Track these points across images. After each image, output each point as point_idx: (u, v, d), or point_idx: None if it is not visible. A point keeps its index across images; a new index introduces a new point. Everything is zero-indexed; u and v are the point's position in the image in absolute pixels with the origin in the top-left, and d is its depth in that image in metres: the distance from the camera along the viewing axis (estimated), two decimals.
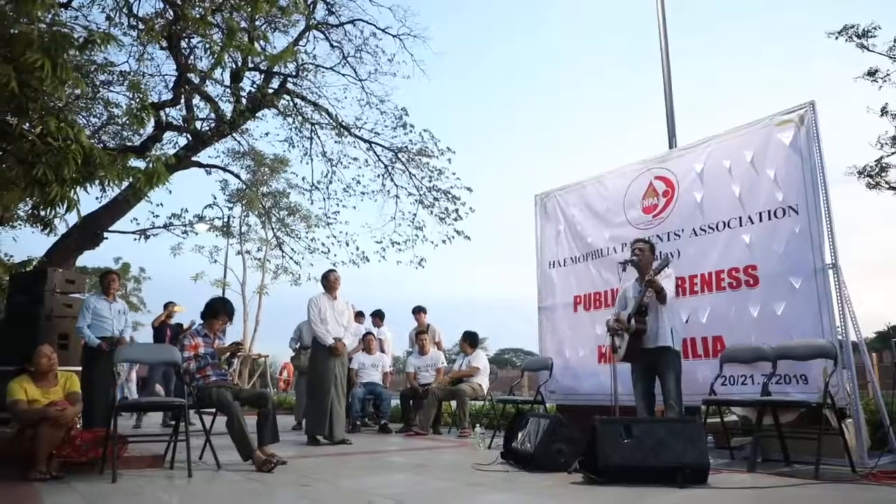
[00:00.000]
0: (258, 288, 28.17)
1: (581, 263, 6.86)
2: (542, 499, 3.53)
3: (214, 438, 4.75)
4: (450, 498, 3.51)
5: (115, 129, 12.58)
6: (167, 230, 14.89)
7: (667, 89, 7.13)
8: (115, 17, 9.48)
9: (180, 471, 4.35)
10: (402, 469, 4.87)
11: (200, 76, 11.57)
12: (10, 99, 4.98)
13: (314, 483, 4.00)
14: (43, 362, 4.39)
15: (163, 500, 3.51)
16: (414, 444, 6.75)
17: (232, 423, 4.60)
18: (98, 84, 10.72)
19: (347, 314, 6.70)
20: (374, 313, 9.61)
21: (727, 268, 5.44)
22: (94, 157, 5.31)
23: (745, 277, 5.30)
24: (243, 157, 15.46)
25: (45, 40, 4.65)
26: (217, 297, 5.51)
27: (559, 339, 6.96)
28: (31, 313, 6.24)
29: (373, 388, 8.35)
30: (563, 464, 4.33)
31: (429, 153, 13.13)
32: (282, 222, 15.79)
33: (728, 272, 5.42)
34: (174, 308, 9.19)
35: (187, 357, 4.89)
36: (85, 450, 4.27)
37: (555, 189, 7.39)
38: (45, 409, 4.10)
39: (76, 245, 11.67)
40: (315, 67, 12.80)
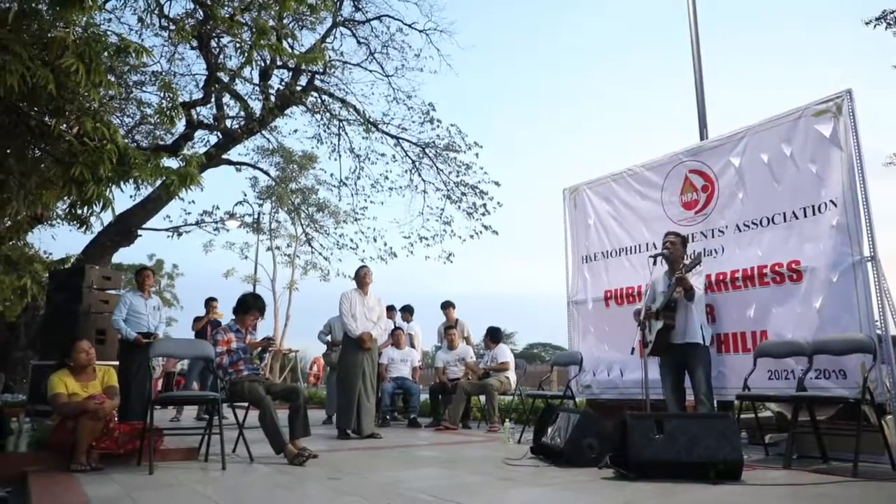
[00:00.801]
0: (288, 284, 28.48)
1: (613, 258, 6.79)
2: (573, 493, 3.52)
3: (247, 432, 4.83)
4: (480, 492, 3.51)
5: (148, 129, 12.83)
6: (199, 227, 15.17)
7: (697, 76, 6.99)
8: (147, 19, 9.67)
9: (214, 463, 4.44)
10: (432, 463, 4.89)
11: (230, 75, 11.73)
12: (49, 101, 5.12)
13: (344, 476, 4.03)
14: (81, 357, 4.51)
15: (198, 491, 3.57)
16: (443, 438, 6.77)
17: (264, 416, 4.68)
18: (131, 84, 10.95)
19: (378, 310, 6.75)
20: (404, 308, 9.65)
21: (770, 263, 5.32)
22: (129, 157, 5.42)
23: (788, 272, 5.18)
24: (272, 154, 15.61)
25: (80, 44, 4.75)
26: (248, 293, 5.60)
27: (589, 333, 6.91)
28: (70, 309, 6.38)
29: (402, 383, 8.39)
30: (593, 459, 4.31)
31: (456, 148, 13.13)
32: (311, 218, 15.95)
33: (771, 267, 5.30)
34: (215, 305, 9.29)
35: (220, 352, 4.98)
36: (123, 442, 4.38)
37: (584, 182, 7.33)
38: (85, 402, 4.21)
39: (112, 242, 11.95)
40: (342, 64, 12.88)
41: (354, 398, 6.32)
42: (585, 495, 3.46)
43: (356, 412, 6.32)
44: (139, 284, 6.97)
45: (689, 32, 7.16)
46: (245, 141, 13.12)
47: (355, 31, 12.72)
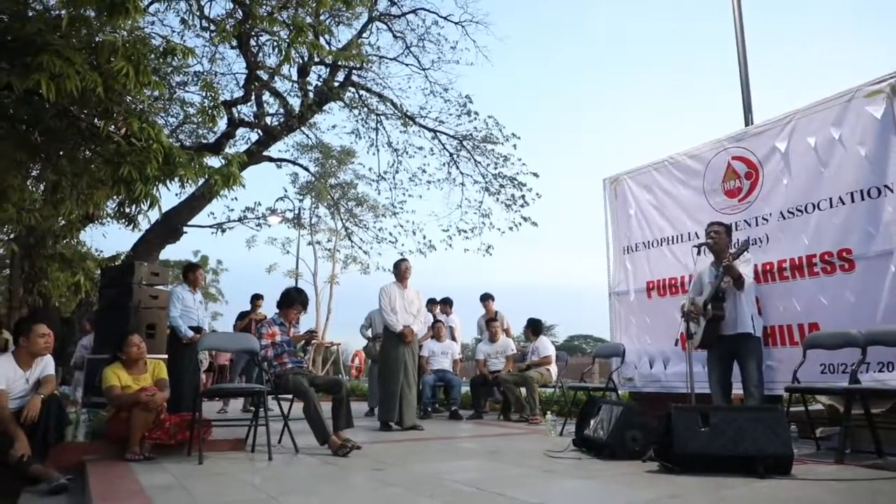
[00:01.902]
0: (329, 277, 28.92)
1: (655, 248, 6.69)
2: (617, 486, 3.49)
3: (291, 423, 4.92)
4: (523, 484, 3.51)
5: (191, 128, 13.12)
6: (242, 223, 15.47)
7: (741, 60, 6.80)
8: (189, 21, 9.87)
9: (261, 454, 4.54)
10: (474, 455, 4.91)
11: (269, 73, 11.89)
12: (98, 104, 5.28)
13: (387, 468, 4.08)
14: (133, 351, 4.65)
15: (246, 481, 3.66)
16: (484, 430, 6.78)
17: (309, 408, 4.76)
18: (174, 85, 11.21)
19: (417, 303, 6.79)
20: (443, 301, 9.68)
21: (819, 252, 5.15)
22: (174, 156, 5.57)
23: (839, 262, 5.01)
24: (312, 149, 15.84)
25: (128, 48, 4.89)
26: (292, 287, 5.69)
27: (632, 325, 6.83)
28: (121, 305, 6.58)
29: (443, 375, 8.43)
30: (637, 452, 4.27)
31: (494, 140, 13.09)
32: (350, 213, 16.12)
33: (820, 256, 5.14)
34: (260, 303, 9.46)
35: (265, 345, 5.08)
36: (174, 433, 4.51)
37: (624, 172, 7.22)
38: (137, 394, 4.35)
39: (159, 239, 12.29)
40: (379, 59, 12.94)
41: (397, 391, 6.38)
42: (629, 488, 3.42)
43: (398, 404, 6.38)
44: (192, 280, 7.19)
45: (733, 16, 6.97)
46: (285, 138, 13.33)
47: (391, 26, 12.77)
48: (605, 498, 3.22)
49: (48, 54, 4.52)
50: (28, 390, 4.13)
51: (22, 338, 4.22)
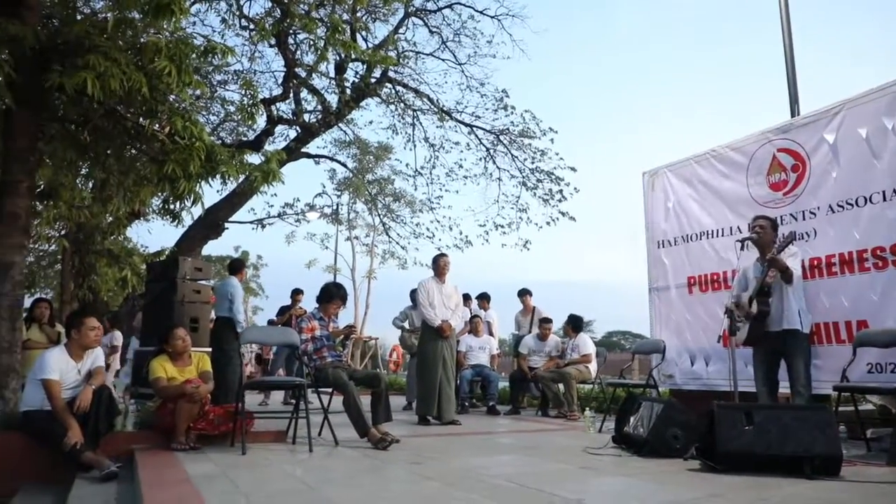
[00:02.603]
0: (367, 273, 29.18)
1: (695, 243, 6.56)
2: (657, 484, 3.44)
3: (331, 416, 4.99)
4: (561, 480, 3.50)
5: (231, 126, 13.35)
6: (281, 219, 15.71)
7: (787, 48, 6.60)
8: (229, 20, 10.05)
9: (301, 445, 4.61)
10: (512, 450, 4.91)
11: (307, 70, 12.03)
12: (143, 103, 5.41)
13: (426, 462, 4.10)
14: (178, 344, 4.77)
15: (287, 472, 3.73)
16: (522, 426, 6.77)
17: (348, 401, 4.82)
18: (215, 84, 11.42)
19: (455, 298, 6.80)
20: (480, 296, 9.67)
21: (871, 247, 4.98)
22: (216, 154, 5.68)
23: (892, 257, 4.84)
24: (349, 145, 15.96)
25: (171, 48, 5.00)
26: (331, 282, 5.77)
27: (673, 321, 6.72)
28: (167, 299, 6.76)
29: (480, 370, 8.43)
30: (678, 450, 4.20)
31: (531, 134, 13.00)
32: (387, 208, 16.20)
33: (872, 251, 4.97)
34: (300, 298, 9.62)
35: (305, 339, 5.16)
36: (217, 424, 4.62)
37: (664, 165, 7.10)
38: (182, 385, 4.46)
39: (201, 235, 12.56)
40: (415, 54, 12.96)
41: (435, 385, 6.41)
42: (671, 486, 3.38)
43: (437, 399, 6.40)
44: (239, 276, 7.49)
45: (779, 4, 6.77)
46: (323, 134, 13.45)
47: (427, 21, 12.76)
48: (646, 496, 3.19)
49: (94, 55, 4.66)
50: (80, 381, 4.27)
51: (73, 331, 4.37)
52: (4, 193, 5.26)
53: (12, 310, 5.17)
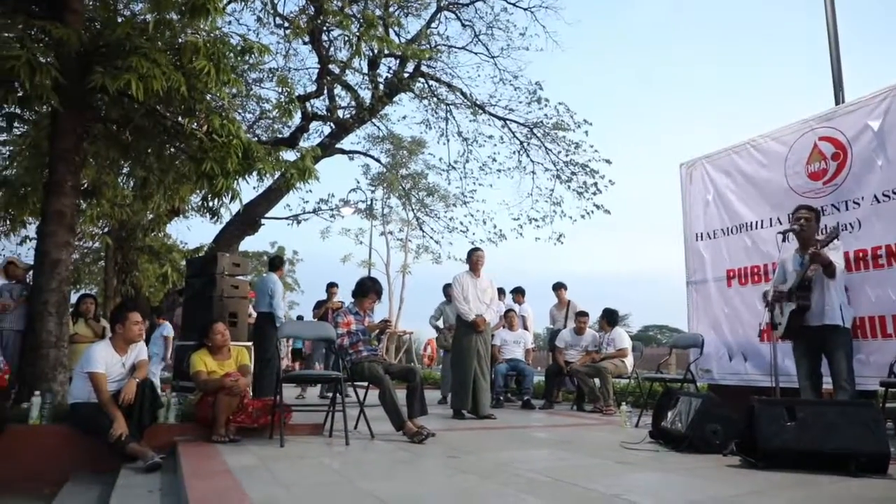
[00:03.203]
0: (401, 267, 29.32)
1: (734, 235, 6.44)
2: (697, 480, 3.40)
3: (367, 410, 5.03)
4: (598, 475, 3.47)
5: (267, 123, 13.53)
6: (316, 215, 15.89)
7: (831, 33, 6.40)
8: (264, 19, 10.18)
9: (338, 439, 4.67)
10: (547, 445, 4.89)
11: (341, 66, 12.12)
12: (181, 102, 5.53)
13: (461, 455, 4.12)
14: (218, 338, 4.87)
15: (325, 464, 3.78)
16: (557, 420, 6.74)
17: (384, 395, 4.86)
18: (250, 82, 11.59)
19: (490, 292, 6.77)
20: (515, 290, 9.64)
21: None
22: (252, 151, 5.77)
23: None
24: (383, 141, 16.04)
25: (208, 47, 5.09)
26: (366, 277, 5.81)
27: (711, 315, 6.61)
28: (206, 294, 6.91)
29: (515, 364, 8.42)
30: (717, 445, 4.14)
31: (565, 127, 12.90)
32: (421, 203, 16.25)
33: None
34: (335, 291, 9.73)
35: (341, 334, 5.21)
36: (256, 416, 4.70)
37: (702, 157, 6.98)
38: (222, 379, 4.55)
39: (238, 231, 12.79)
40: (448, 48, 12.95)
41: (470, 380, 6.42)
42: (710, 482, 3.33)
43: (472, 393, 6.41)
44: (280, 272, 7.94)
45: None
46: (356, 130, 13.55)
47: (459, 14, 12.74)
48: (685, 491, 3.15)
49: (136, 56, 4.77)
50: (124, 374, 4.39)
51: (118, 325, 4.50)
52: (51, 193, 5.43)
53: (59, 305, 5.34)
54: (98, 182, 7.48)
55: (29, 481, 4.05)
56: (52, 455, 4.19)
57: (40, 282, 5.32)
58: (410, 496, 2.92)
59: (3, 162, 8.03)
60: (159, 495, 3.33)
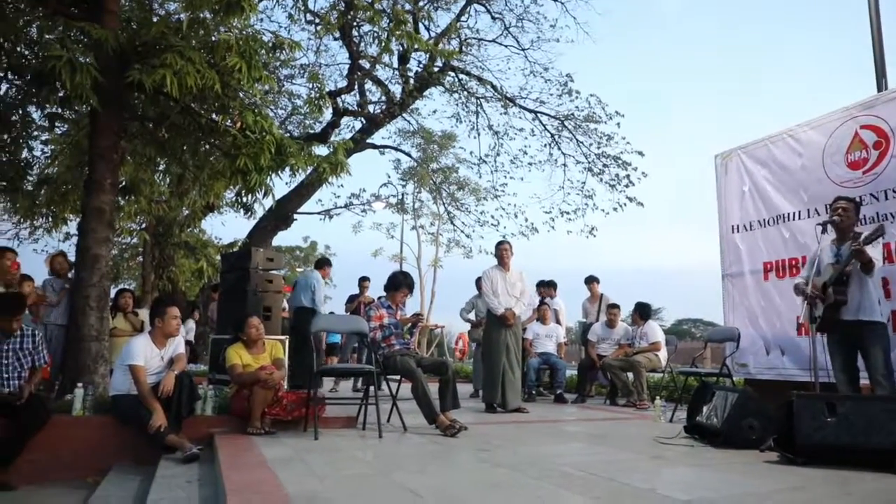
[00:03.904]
0: (432, 261, 29.39)
1: (771, 227, 6.30)
2: (733, 475, 3.34)
3: (399, 403, 5.06)
4: (633, 469, 3.44)
5: (299, 119, 13.67)
6: (348, 209, 16.02)
7: (873, 18, 6.19)
8: (295, 15, 10.26)
9: (371, 431, 4.70)
10: (580, 439, 4.86)
11: (371, 62, 12.16)
12: (215, 99, 5.61)
13: (494, 449, 4.12)
14: (252, 332, 4.94)
15: (359, 457, 3.82)
16: (590, 414, 6.70)
17: (417, 388, 4.88)
18: (282, 78, 11.71)
19: (520, 285, 6.72)
20: (547, 283, 9.58)
21: None
22: (285, 147, 5.84)
23: None
24: (413, 135, 16.08)
25: (241, 45, 5.15)
26: (398, 271, 5.83)
27: (747, 308, 6.48)
28: (240, 289, 7.00)
29: (547, 358, 8.38)
30: (754, 441, 4.06)
31: (596, 119, 12.77)
32: (452, 197, 16.26)
33: None
34: (367, 284, 9.81)
35: (373, 327, 5.25)
36: (291, 409, 4.76)
37: (737, 147, 6.83)
38: (257, 372, 4.62)
39: (271, 226, 12.96)
40: (477, 41, 12.91)
41: (498, 373, 6.41)
42: (747, 478, 3.27)
43: (501, 386, 6.40)
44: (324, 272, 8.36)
45: None
46: (387, 125, 13.61)
47: (489, 7, 12.68)
48: (721, 487, 3.10)
49: (171, 54, 4.85)
50: (163, 367, 4.50)
51: (157, 319, 4.60)
52: (91, 190, 5.57)
53: (100, 300, 5.49)
54: (136, 179, 7.66)
55: (73, 470, 4.19)
56: (94, 445, 4.31)
57: (82, 277, 5.47)
58: (444, 489, 2.93)
59: (46, 161, 8.26)
60: (197, 486, 3.40)
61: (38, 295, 5.96)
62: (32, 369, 4.41)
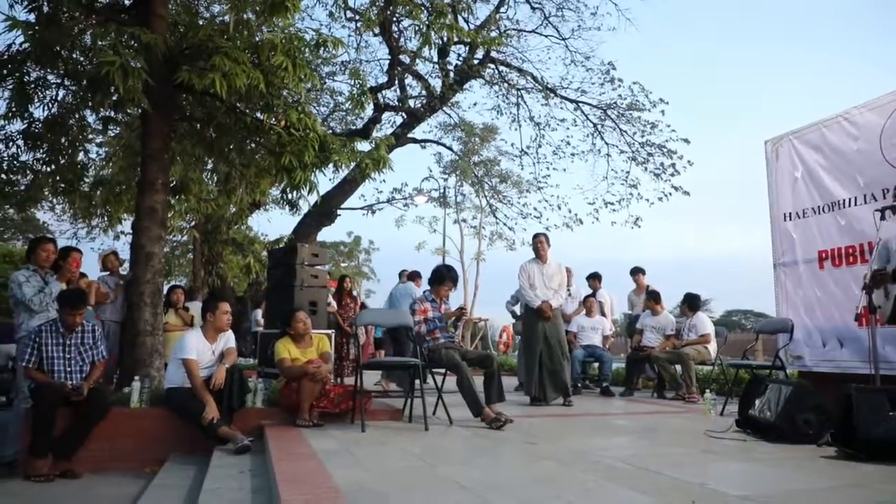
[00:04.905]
0: (475, 255, 29.38)
1: (826, 214, 6.08)
2: (789, 471, 3.25)
3: (444, 396, 5.08)
4: (682, 464, 3.38)
5: (341, 115, 13.80)
6: (390, 204, 16.14)
7: None
8: (336, 13, 10.35)
9: (417, 424, 4.74)
10: (628, 432, 4.80)
11: (411, 56, 12.19)
12: (260, 98, 5.71)
13: (540, 442, 4.10)
14: (300, 326, 5.03)
15: (406, 449, 3.85)
16: (638, 407, 6.61)
17: (462, 381, 4.89)
18: (324, 76, 11.85)
19: (559, 278, 6.62)
20: (592, 275, 9.47)
21: None
22: (328, 143, 5.91)
23: None
24: (454, 129, 16.05)
25: (285, 44, 5.23)
26: (442, 265, 5.84)
27: (802, 298, 6.28)
28: (287, 284, 7.12)
29: (593, 351, 8.29)
30: (810, 435, 3.95)
31: (640, 107, 12.54)
32: (494, 189, 16.19)
33: None
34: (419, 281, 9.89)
35: (418, 321, 5.28)
36: (338, 402, 4.83)
37: (789, 132, 6.61)
38: (305, 366, 4.70)
39: (315, 222, 13.14)
40: (517, 32, 12.79)
41: (535, 366, 6.36)
42: (804, 473, 3.18)
43: (539, 380, 6.35)
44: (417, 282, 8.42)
45: None
46: (428, 118, 13.61)
47: None
48: (776, 482, 3.02)
49: (219, 56, 4.96)
50: (214, 361, 4.62)
51: (209, 314, 4.73)
52: (144, 190, 5.74)
53: (154, 296, 5.66)
54: (185, 178, 7.86)
55: (131, 460, 4.35)
56: (151, 437, 4.47)
57: (136, 274, 5.66)
58: (491, 482, 2.93)
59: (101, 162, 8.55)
60: (249, 476, 3.49)
61: (102, 292, 6.17)
62: (93, 364, 4.58)
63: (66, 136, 6.82)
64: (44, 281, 4.95)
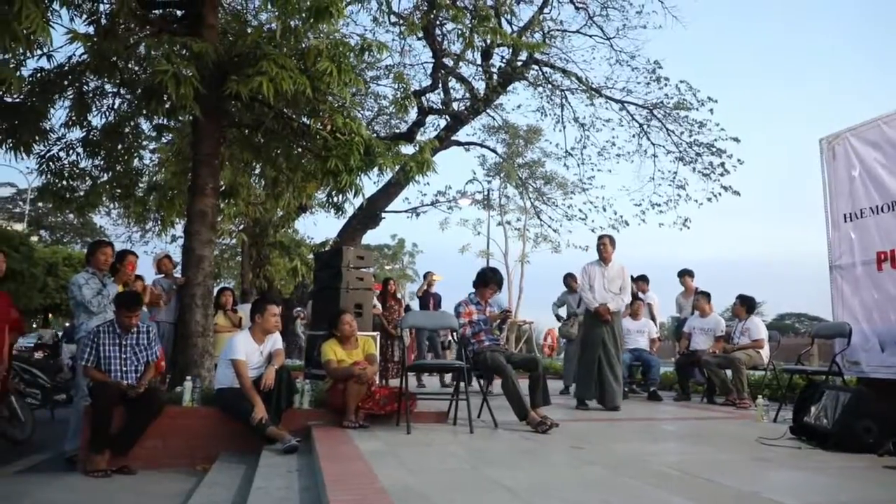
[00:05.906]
0: (520, 257, 29.22)
1: (885, 214, 5.83)
2: (847, 481, 3.13)
3: (489, 399, 5.06)
4: (733, 471, 3.29)
5: (385, 119, 13.93)
6: (434, 207, 16.20)
7: None
8: (380, 18, 10.46)
9: (462, 427, 4.73)
10: (677, 438, 4.71)
11: (454, 59, 12.21)
12: (307, 103, 5.82)
13: (587, 446, 4.05)
14: (346, 328, 5.08)
15: (450, 451, 3.85)
16: (686, 412, 6.46)
17: (507, 384, 4.87)
18: (368, 80, 11.98)
19: (620, 280, 6.51)
20: (639, 278, 9.30)
21: None
22: (373, 147, 5.97)
23: None
24: (498, 131, 16.03)
25: (330, 49, 5.31)
26: (487, 268, 5.83)
27: (860, 302, 6.03)
28: (333, 286, 7.21)
29: (639, 354, 8.14)
30: (870, 444, 3.79)
31: (687, 106, 12.30)
32: (538, 191, 16.11)
33: None
34: (433, 277, 9.93)
35: (463, 324, 5.28)
36: (383, 404, 4.87)
37: (845, 130, 6.37)
38: (351, 367, 4.75)
39: (360, 225, 13.29)
40: (561, 33, 12.70)
41: (593, 369, 6.27)
42: (863, 483, 3.06)
43: (599, 384, 6.26)
44: None
45: None
46: (472, 121, 13.63)
47: None
48: (834, 492, 2.91)
49: (266, 61, 5.08)
50: (262, 362, 4.71)
51: (257, 316, 4.82)
52: (195, 195, 5.91)
53: (204, 298, 5.81)
54: (234, 183, 8.05)
55: (183, 458, 4.47)
56: (202, 435, 4.58)
57: (188, 276, 5.82)
58: (537, 486, 2.91)
59: (154, 168, 8.83)
60: (297, 475, 3.54)
61: (156, 294, 6.36)
62: (147, 364, 4.72)
63: (122, 143, 7.07)
64: (102, 283, 5.12)
